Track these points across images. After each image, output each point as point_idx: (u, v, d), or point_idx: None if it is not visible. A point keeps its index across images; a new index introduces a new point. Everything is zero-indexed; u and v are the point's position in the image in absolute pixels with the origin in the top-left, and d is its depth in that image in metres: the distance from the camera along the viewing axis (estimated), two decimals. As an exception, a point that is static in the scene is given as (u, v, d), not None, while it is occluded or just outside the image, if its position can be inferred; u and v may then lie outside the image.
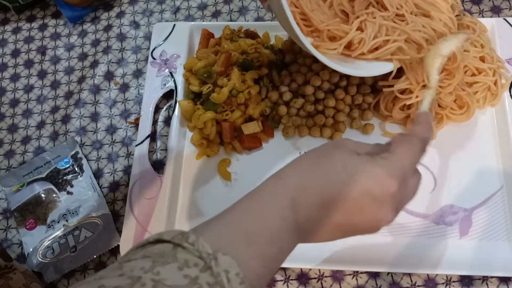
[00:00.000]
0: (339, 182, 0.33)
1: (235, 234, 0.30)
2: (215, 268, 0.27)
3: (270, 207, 0.32)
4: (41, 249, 0.57)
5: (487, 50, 0.56)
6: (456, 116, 0.55)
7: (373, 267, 0.51)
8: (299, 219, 0.33)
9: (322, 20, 0.49)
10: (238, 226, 0.31)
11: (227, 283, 0.27)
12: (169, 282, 0.26)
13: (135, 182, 0.57)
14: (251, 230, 0.31)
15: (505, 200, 0.53)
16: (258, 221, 0.31)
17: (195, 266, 0.27)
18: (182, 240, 0.28)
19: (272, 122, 0.58)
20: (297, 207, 0.33)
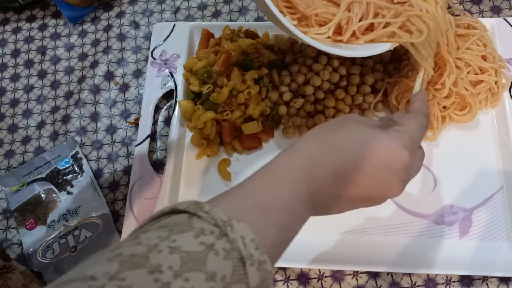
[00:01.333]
0: (354, 153, 0.34)
1: (249, 205, 0.31)
2: (231, 234, 0.27)
3: (283, 180, 0.33)
4: (41, 249, 0.57)
5: (490, 49, 0.56)
6: (459, 117, 0.55)
7: (373, 267, 0.51)
8: (313, 191, 0.33)
9: (308, 4, 0.46)
10: (252, 198, 0.31)
11: (244, 248, 0.27)
12: (185, 248, 0.26)
13: (135, 182, 0.57)
14: (265, 202, 0.31)
15: (505, 200, 0.53)
16: (272, 193, 0.32)
17: (211, 233, 0.27)
18: (197, 210, 0.29)
19: (272, 122, 0.58)
20: (311, 179, 0.33)
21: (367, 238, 0.52)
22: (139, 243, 0.26)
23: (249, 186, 0.32)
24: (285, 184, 0.32)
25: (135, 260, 0.25)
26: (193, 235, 0.27)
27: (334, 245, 0.52)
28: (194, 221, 0.28)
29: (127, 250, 0.26)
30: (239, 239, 0.27)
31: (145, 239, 0.27)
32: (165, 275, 0.24)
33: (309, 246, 0.52)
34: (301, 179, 0.33)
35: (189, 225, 0.28)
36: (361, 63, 0.57)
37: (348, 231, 0.53)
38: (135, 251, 0.26)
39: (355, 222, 0.53)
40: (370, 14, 0.46)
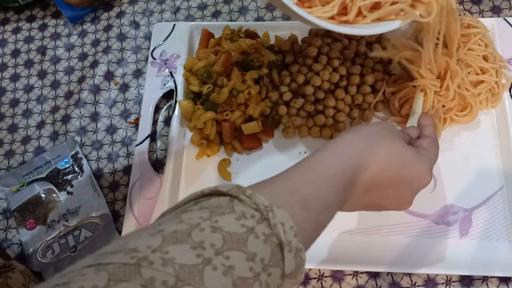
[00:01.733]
0: (394, 170, 0.37)
1: (291, 198, 0.32)
2: (272, 220, 0.28)
3: (330, 183, 0.34)
4: (41, 249, 0.57)
5: (491, 49, 0.56)
6: (460, 118, 0.55)
7: (373, 267, 0.51)
8: (347, 197, 0.35)
9: None
10: (295, 192, 0.32)
11: (283, 234, 0.28)
12: (227, 229, 0.27)
13: (135, 182, 0.57)
14: (308, 198, 0.32)
15: (505, 200, 0.53)
16: (317, 193, 0.33)
17: (251, 217, 0.28)
18: (238, 193, 0.29)
19: (272, 122, 0.58)
20: (351, 187, 0.35)
21: (367, 238, 0.52)
22: (181, 221, 0.27)
23: (295, 180, 0.33)
24: (332, 187, 0.34)
25: (177, 236, 0.26)
26: (234, 217, 0.28)
27: (334, 245, 0.52)
28: (236, 204, 0.29)
29: (170, 227, 0.26)
30: (279, 225, 0.28)
31: (187, 218, 0.27)
32: (207, 252, 0.25)
33: (310, 246, 0.52)
34: (346, 184, 0.34)
35: (231, 207, 0.28)
36: (361, 63, 0.57)
37: (348, 231, 0.53)
38: (177, 228, 0.26)
39: (355, 222, 0.53)
40: None
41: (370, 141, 0.37)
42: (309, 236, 0.32)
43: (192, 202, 0.30)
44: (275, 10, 0.69)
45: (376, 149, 0.37)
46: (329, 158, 0.35)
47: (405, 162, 0.38)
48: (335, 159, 0.35)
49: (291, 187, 0.33)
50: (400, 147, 0.38)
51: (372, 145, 0.37)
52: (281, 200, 0.31)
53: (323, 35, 0.59)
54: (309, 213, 0.32)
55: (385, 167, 0.37)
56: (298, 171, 0.34)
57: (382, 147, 0.37)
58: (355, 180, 0.35)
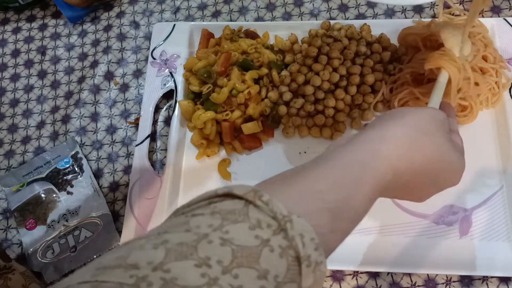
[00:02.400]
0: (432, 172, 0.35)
1: (317, 205, 0.28)
2: (290, 231, 0.25)
3: (362, 187, 0.30)
4: (41, 249, 0.57)
5: (490, 49, 0.56)
6: (460, 119, 0.55)
7: (373, 267, 0.51)
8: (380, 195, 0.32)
9: None
10: (321, 198, 0.29)
11: (302, 248, 0.25)
12: (238, 241, 0.24)
13: (135, 182, 0.57)
14: (337, 207, 0.29)
15: (505, 200, 0.53)
16: (346, 199, 0.29)
17: (268, 227, 0.25)
18: (255, 198, 0.26)
19: (272, 122, 0.58)
20: (386, 189, 0.32)
21: (367, 238, 0.52)
22: (189, 230, 0.25)
23: (321, 183, 0.29)
24: (366, 193, 0.30)
25: (182, 250, 0.23)
26: (248, 226, 0.25)
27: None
28: (251, 210, 0.26)
29: (175, 237, 0.24)
30: (298, 237, 0.25)
31: (195, 226, 0.25)
32: (213, 270, 0.23)
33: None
34: (380, 191, 0.31)
35: (245, 214, 0.26)
36: (361, 63, 0.57)
37: (348, 231, 0.53)
38: (183, 239, 0.24)
39: (355, 222, 0.53)
40: None
41: (415, 141, 0.33)
42: (332, 246, 0.29)
43: (205, 201, 0.27)
44: (275, 10, 0.69)
45: (420, 149, 0.33)
46: (365, 156, 0.31)
47: (445, 163, 0.35)
48: (372, 159, 0.31)
49: (317, 192, 0.29)
50: (445, 148, 0.35)
51: (416, 145, 0.33)
52: (304, 208, 0.28)
53: (323, 35, 0.60)
54: (337, 223, 0.29)
55: (423, 171, 0.34)
56: (325, 171, 0.30)
57: (427, 147, 0.34)
58: (390, 183, 0.32)
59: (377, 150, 0.32)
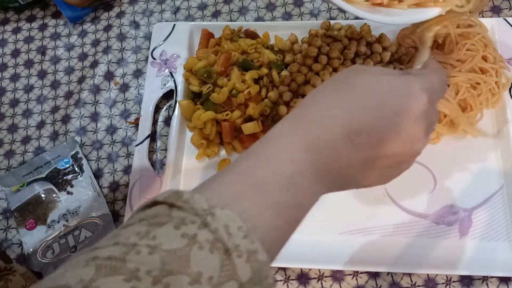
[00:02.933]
0: (366, 104, 0.29)
1: (239, 186, 0.27)
2: (212, 224, 0.24)
3: (282, 151, 0.29)
4: (41, 249, 0.57)
5: (490, 49, 0.56)
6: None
7: (373, 267, 0.51)
8: (320, 160, 0.29)
9: None
10: (246, 176, 0.28)
11: (228, 238, 0.24)
12: (166, 246, 0.23)
13: (135, 182, 0.57)
14: (262, 180, 0.27)
15: (505, 200, 0.53)
16: (270, 168, 0.28)
17: (192, 223, 0.25)
18: (176, 199, 0.26)
19: (272, 122, 0.58)
20: (315, 145, 0.29)
21: (367, 238, 0.52)
22: (117, 242, 0.24)
23: (241, 166, 0.28)
24: (284, 155, 0.28)
25: (111, 264, 0.23)
26: (173, 226, 0.24)
27: (334, 245, 0.52)
28: (174, 211, 0.25)
29: (104, 252, 0.24)
30: (222, 228, 0.24)
31: (124, 238, 0.24)
32: (143, 282, 0.22)
33: (309, 246, 0.52)
34: (302, 147, 0.28)
35: (168, 215, 0.25)
36: (361, 63, 0.57)
37: (348, 231, 0.53)
38: (111, 253, 0.23)
39: (355, 222, 0.53)
40: None
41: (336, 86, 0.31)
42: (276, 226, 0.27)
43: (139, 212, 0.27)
44: (275, 10, 0.69)
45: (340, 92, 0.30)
46: (282, 124, 0.30)
47: (377, 88, 0.30)
48: (287, 123, 0.30)
49: (241, 171, 0.28)
50: (370, 78, 0.30)
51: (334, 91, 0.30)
52: (227, 195, 0.27)
53: (323, 35, 0.60)
54: (268, 195, 0.27)
55: (352, 107, 0.29)
56: (250, 149, 0.29)
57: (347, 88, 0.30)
58: (315, 136, 0.29)
59: (291, 114, 0.30)
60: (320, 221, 0.53)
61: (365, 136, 0.29)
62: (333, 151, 0.29)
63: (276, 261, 0.53)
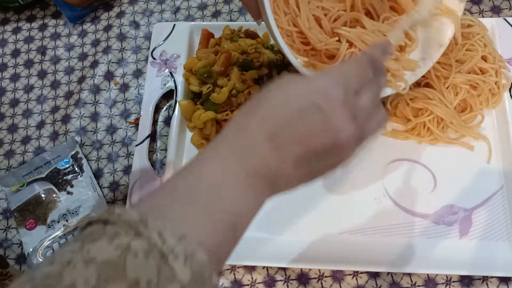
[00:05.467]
0: (278, 104, 0.30)
1: (171, 197, 0.28)
2: (145, 232, 0.25)
3: (209, 160, 0.30)
4: (41, 249, 0.57)
5: (490, 49, 0.56)
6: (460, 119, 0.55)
7: (373, 267, 0.51)
8: (247, 166, 0.30)
9: (320, 39, 0.47)
10: (175, 189, 0.29)
11: (162, 244, 0.25)
12: (100, 257, 0.24)
13: (135, 182, 0.57)
14: (190, 190, 0.28)
15: (505, 200, 0.53)
16: (197, 179, 0.29)
17: (125, 235, 0.25)
18: (109, 215, 0.26)
19: (272, 122, 0.58)
20: (238, 154, 0.30)
21: (367, 238, 0.52)
22: (53, 262, 0.24)
23: (173, 181, 0.30)
24: (211, 164, 0.29)
25: (48, 283, 0.23)
26: (106, 240, 0.25)
27: (334, 245, 0.52)
28: (108, 227, 0.26)
29: (40, 272, 0.24)
30: (156, 235, 0.25)
31: (59, 256, 0.25)
32: None
33: (310, 246, 0.52)
34: (228, 153, 0.30)
35: (102, 231, 0.26)
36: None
37: (348, 231, 0.53)
38: (48, 271, 0.24)
39: (355, 222, 0.53)
40: None
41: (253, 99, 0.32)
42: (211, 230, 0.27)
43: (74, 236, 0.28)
44: (275, 10, 0.69)
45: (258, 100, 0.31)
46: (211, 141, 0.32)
47: (287, 88, 0.31)
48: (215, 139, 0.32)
49: (170, 188, 0.29)
50: (279, 82, 0.32)
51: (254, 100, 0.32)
52: (159, 207, 0.28)
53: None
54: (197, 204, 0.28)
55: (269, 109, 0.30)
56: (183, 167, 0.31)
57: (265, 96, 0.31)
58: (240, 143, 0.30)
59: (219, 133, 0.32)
60: (320, 221, 0.53)
61: (283, 135, 0.30)
62: (260, 154, 0.30)
63: (276, 261, 0.53)
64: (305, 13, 0.47)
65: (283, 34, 0.47)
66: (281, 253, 0.52)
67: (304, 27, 0.47)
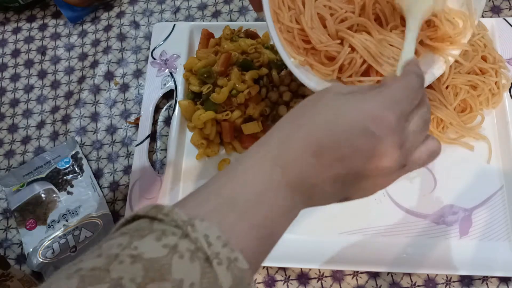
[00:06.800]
0: (326, 121, 0.30)
1: (216, 200, 0.29)
2: (193, 234, 0.25)
3: (252, 168, 0.30)
4: (41, 249, 0.57)
5: (490, 49, 0.56)
6: (461, 119, 0.55)
7: (373, 267, 0.51)
8: (290, 178, 0.30)
9: (321, 40, 0.46)
10: (219, 192, 0.29)
11: (208, 247, 0.25)
12: (148, 255, 0.24)
13: (135, 182, 0.57)
14: (234, 194, 0.29)
15: (505, 200, 0.53)
16: (242, 184, 0.29)
17: (172, 234, 0.25)
18: (156, 213, 0.27)
19: (272, 122, 0.58)
20: (284, 164, 0.30)
21: (367, 238, 0.52)
22: (100, 254, 0.25)
23: (218, 182, 0.30)
24: (255, 172, 0.29)
25: (95, 274, 0.23)
26: (154, 237, 0.25)
27: (334, 245, 0.52)
28: (155, 224, 0.26)
29: (88, 264, 0.24)
30: (202, 237, 0.25)
31: (106, 249, 0.25)
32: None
33: (309, 246, 0.52)
34: (272, 163, 0.30)
35: (150, 228, 0.26)
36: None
37: (348, 231, 0.53)
38: (95, 264, 0.24)
39: (355, 222, 0.53)
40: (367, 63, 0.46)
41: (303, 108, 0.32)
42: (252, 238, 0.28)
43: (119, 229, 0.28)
44: (275, 10, 0.69)
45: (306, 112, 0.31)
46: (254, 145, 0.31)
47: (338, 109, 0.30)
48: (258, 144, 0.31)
49: (214, 189, 0.29)
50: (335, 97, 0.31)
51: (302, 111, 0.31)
52: (205, 206, 0.28)
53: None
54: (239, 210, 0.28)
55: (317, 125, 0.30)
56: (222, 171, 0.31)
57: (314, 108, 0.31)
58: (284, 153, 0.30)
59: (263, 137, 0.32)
60: (320, 221, 0.53)
61: (328, 153, 0.29)
62: (302, 168, 0.30)
63: (276, 261, 0.53)
64: (309, 11, 0.45)
65: (284, 30, 0.46)
66: (281, 253, 0.51)
67: (307, 25, 0.45)
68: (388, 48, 0.46)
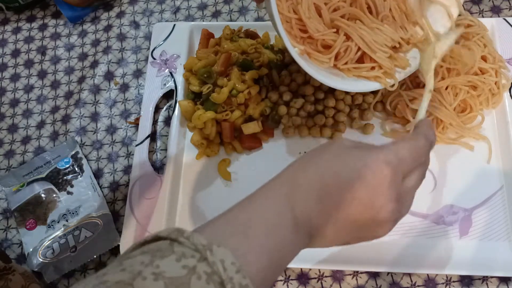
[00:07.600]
0: (332, 171, 0.33)
1: (232, 229, 0.31)
2: (211, 258, 0.28)
3: (266, 202, 0.33)
4: (41, 249, 0.57)
5: (490, 49, 0.56)
6: (461, 119, 0.55)
7: (373, 267, 0.51)
8: (297, 215, 0.32)
9: (318, 29, 0.48)
10: (235, 221, 0.32)
11: (223, 272, 0.27)
12: (169, 274, 0.26)
13: (135, 182, 0.57)
14: (248, 224, 0.31)
15: (505, 200, 0.53)
16: (255, 215, 0.32)
17: (192, 257, 0.28)
18: (178, 235, 0.29)
19: (272, 122, 0.58)
20: (292, 202, 0.32)
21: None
22: (124, 269, 0.27)
23: (234, 210, 0.33)
24: (268, 206, 0.32)
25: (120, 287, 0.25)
26: (175, 258, 0.27)
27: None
28: (175, 246, 0.29)
29: (113, 277, 0.26)
30: (219, 262, 0.28)
31: (129, 265, 0.27)
32: None
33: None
34: (283, 202, 0.32)
35: (171, 250, 0.28)
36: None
37: (348, 231, 0.53)
38: (120, 278, 0.26)
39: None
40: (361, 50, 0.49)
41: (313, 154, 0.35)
42: (261, 266, 0.30)
43: (138, 247, 0.30)
44: (275, 10, 0.69)
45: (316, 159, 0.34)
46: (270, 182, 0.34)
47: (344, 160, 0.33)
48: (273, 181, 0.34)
49: (231, 217, 0.32)
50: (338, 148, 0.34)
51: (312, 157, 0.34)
52: (222, 235, 0.30)
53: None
54: (253, 239, 0.30)
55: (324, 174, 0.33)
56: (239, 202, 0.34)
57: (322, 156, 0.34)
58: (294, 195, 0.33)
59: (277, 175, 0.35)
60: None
61: (331, 199, 0.32)
62: (309, 211, 0.32)
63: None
64: (306, 1, 0.48)
65: (283, 20, 0.47)
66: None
67: (304, 15, 0.48)
68: (380, 36, 0.49)
